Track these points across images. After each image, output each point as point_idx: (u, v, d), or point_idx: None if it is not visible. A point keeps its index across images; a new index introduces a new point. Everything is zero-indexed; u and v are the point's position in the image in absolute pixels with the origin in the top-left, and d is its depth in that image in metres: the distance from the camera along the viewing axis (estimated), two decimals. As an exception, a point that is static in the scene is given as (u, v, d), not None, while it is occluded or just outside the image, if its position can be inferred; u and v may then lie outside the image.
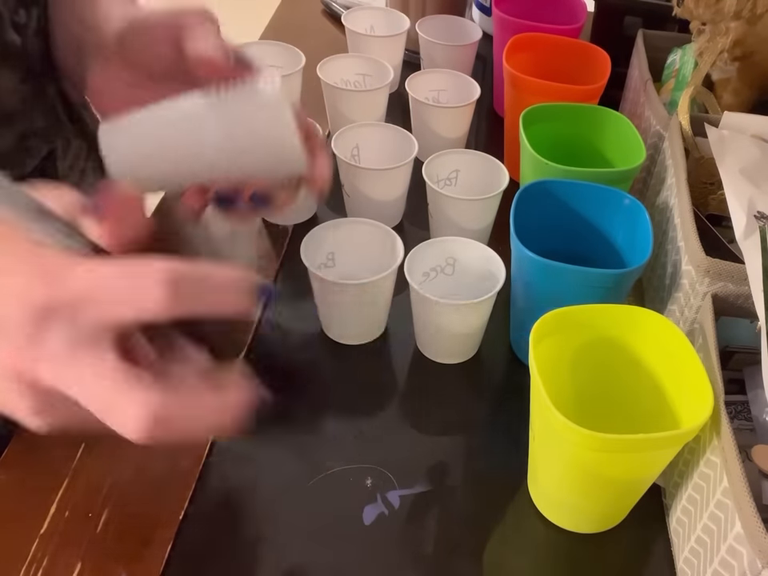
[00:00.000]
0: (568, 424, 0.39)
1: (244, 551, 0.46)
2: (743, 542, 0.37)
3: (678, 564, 0.46)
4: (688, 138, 0.60)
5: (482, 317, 0.56)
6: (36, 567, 0.44)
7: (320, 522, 0.48)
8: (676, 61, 0.73)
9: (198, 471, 0.49)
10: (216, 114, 0.46)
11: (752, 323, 0.49)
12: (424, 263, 0.58)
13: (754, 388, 0.49)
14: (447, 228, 0.65)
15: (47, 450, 0.50)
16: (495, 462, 0.52)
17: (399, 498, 0.49)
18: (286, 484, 0.50)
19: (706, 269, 0.48)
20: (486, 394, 0.57)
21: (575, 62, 0.76)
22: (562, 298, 0.48)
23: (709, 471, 0.42)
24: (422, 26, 0.86)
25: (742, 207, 0.50)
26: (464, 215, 0.64)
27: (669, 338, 0.46)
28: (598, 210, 0.58)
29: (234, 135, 0.46)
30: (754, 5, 0.60)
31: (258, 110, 0.47)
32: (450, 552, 0.47)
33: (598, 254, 0.58)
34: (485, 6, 1.00)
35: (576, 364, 0.49)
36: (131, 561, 0.44)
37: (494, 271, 0.57)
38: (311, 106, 0.80)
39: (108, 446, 0.50)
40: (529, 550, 0.48)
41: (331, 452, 0.51)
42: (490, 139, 0.85)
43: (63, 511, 0.46)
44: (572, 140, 0.67)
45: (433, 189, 0.63)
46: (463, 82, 0.77)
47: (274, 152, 0.47)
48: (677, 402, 0.46)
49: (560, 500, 0.48)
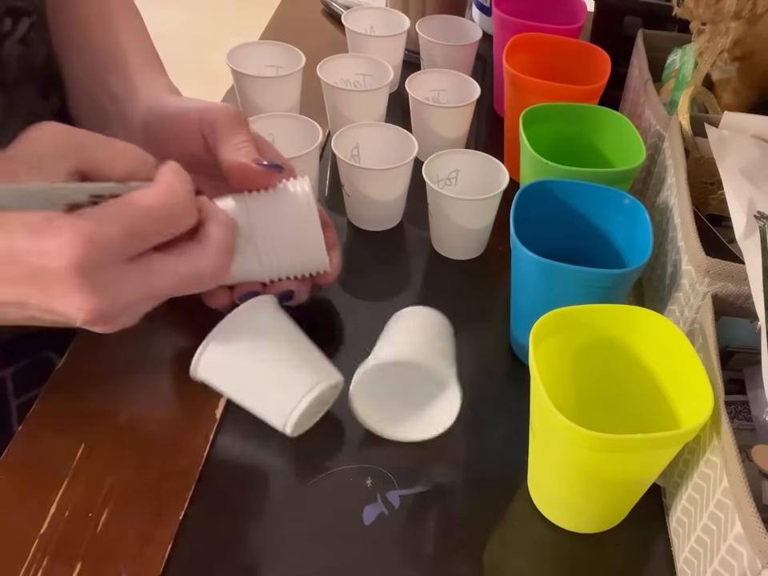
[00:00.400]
0: (568, 424, 0.39)
1: (244, 551, 0.46)
2: (743, 541, 0.37)
3: (678, 564, 0.46)
4: (688, 138, 0.60)
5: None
6: (36, 567, 0.44)
7: (320, 521, 0.48)
8: (676, 61, 0.73)
9: (197, 471, 0.49)
10: (249, 217, 0.48)
11: (752, 323, 0.49)
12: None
13: (754, 388, 0.49)
14: (447, 228, 0.65)
15: (47, 450, 0.50)
16: (495, 462, 0.52)
17: (399, 497, 0.49)
18: (286, 484, 0.50)
19: (706, 269, 0.48)
20: (486, 394, 0.57)
21: (575, 62, 0.76)
22: (562, 298, 0.48)
23: (709, 471, 0.42)
24: (422, 25, 0.86)
25: (742, 207, 0.50)
26: (464, 215, 0.64)
27: (669, 338, 0.46)
28: (598, 209, 0.58)
29: (266, 237, 0.49)
30: (754, 5, 0.60)
31: (289, 213, 0.49)
32: (450, 552, 0.47)
33: (598, 254, 0.58)
34: (485, 6, 1.00)
35: (576, 364, 0.49)
36: (131, 561, 0.44)
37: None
38: (311, 106, 0.80)
39: (108, 445, 0.50)
40: (529, 549, 0.48)
41: (331, 452, 0.51)
42: (489, 139, 0.85)
43: (63, 511, 0.46)
44: (572, 140, 0.67)
45: (433, 189, 0.63)
46: (463, 82, 0.77)
47: (302, 252, 0.51)
48: (677, 402, 0.46)
49: (560, 500, 0.48)
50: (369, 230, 0.70)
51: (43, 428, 0.51)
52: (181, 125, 0.51)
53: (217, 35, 2.48)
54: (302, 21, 1.04)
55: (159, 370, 0.55)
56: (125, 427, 0.51)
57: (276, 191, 0.50)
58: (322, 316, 0.61)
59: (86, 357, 0.55)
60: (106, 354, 0.56)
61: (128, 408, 0.53)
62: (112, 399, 0.53)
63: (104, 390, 0.54)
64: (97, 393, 0.53)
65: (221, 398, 0.53)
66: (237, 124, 0.50)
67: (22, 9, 0.54)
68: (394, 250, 0.69)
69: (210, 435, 0.51)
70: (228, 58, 0.75)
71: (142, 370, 0.55)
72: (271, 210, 0.49)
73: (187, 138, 0.50)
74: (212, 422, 0.52)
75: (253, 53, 0.77)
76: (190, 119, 0.50)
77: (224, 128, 0.49)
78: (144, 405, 0.53)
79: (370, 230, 0.70)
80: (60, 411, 0.52)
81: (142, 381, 0.55)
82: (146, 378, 0.55)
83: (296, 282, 0.53)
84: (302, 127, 0.68)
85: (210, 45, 2.07)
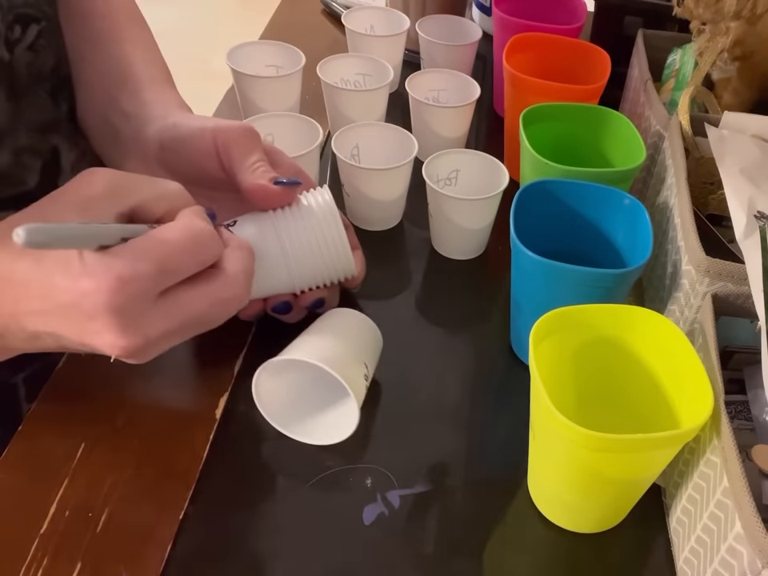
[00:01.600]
0: (568, 424, 0.39)
1: (244, 551, 0.46)
2: (743, 541, 0.37)
3: (678, 564, 0.46)
4: (688, 138, 0.60)
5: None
6: (36, 567, 0.44)
7: (320, 521, 0.48)
8: (676, 60, 0.73)
9: (198, 471, 0.49)
10: (277, 235, 0.50)
11: (752, 323, 0.49)
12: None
13: (754, 388, 0.49)
14: (447, 228, 0.65)
15: (47, 450, 0.50)
16: (495, 462, 0.52)
17: (399, 497, 0.49)
18: (286, 484, 0.50)
19: (706, 269, 0.48)
20: (486, 394, 0.57)
21: (575, 62, 0.76)
22: (562, 298, 0.48)
23: (709, 471, 0.42)
24: (422, 25, 0.86)
25: (742, 207, 0.50)
26: (464, 215, 0.64)
27: (669, 338, 0.46)
28: (598, 209, 0.58)
29: (296, 252, 0.50)
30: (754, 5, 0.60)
31: (315, 226, 0.51)
32: (450, 552, 0.47)
33: (598, 254, 0.58)
34: (485, 6, 1.00)
35: (576, 364, 0.49)
36: (131, 560, 0.44)
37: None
38: (311, 106, 0.80)
39: (108, 445, 0.50)
40: (529, 549, 0.48)
41: (331, 452, 0.51)
42: (489, 139, 0.85)
43: (63, 511, 0.46)
44: (572, 140, 0.67)
45: (433, 189, 0.63)
46: (463, 82, 0.77)
47: (330, 261, 0.52)
48: (677, 402, 0.46)
49: (560, 500, 0.48)
50: (369, 229, 0.70)
51: (43, 428, 0.51)
52: (196, 145, 0.51)
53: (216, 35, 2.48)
54: (302, 21, 1.04)
55: (159, 369, 0.55)
56: (125, 427, 0.51)
57: (299, 207, 0.51)
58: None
59: (86, 357, 0.55)
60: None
61: (128, 408, 0.53)
62: (112, 399, 0.53)
63: (104, 390, 0.54)
64: (97, 393, 0.53)
65: (221, 398, 0.53)
66: (250, 143, 0.51)
67: (31, 16, 0.55)
68: (394, 249, 0.69)
69: (210, 435, 0.51)
70: (228, 58, 0.75)
71: (142, 370, 0.55)
72: (299, 226, 0.50)
73: (203, 158, 0.51)
74: (212, 421, 0.52)
75: (253, 52, 0.77)
76: (204, 140, 0.51)
77: (238, 148, 0.50)
78: (144, 405, 0.53)
79: (370, 229, 0.70)
80: (60, 411, 0.52)
81: (142, 381, 0.55)
82: (146, 378, 0.55)
83: (326, 289, 0.54)
84: (302, 127, 0.68)
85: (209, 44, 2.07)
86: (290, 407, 0.51)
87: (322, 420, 0.51)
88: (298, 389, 0.52)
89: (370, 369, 0.52)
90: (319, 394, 0.52)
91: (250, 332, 0.58)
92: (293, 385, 0.52)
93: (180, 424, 0.52)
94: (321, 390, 0.52)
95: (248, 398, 0.50)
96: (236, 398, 0.54)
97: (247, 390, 0.49)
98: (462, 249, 0.67)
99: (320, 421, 0.51)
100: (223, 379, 0.55)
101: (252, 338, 0.58)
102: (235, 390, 0.54)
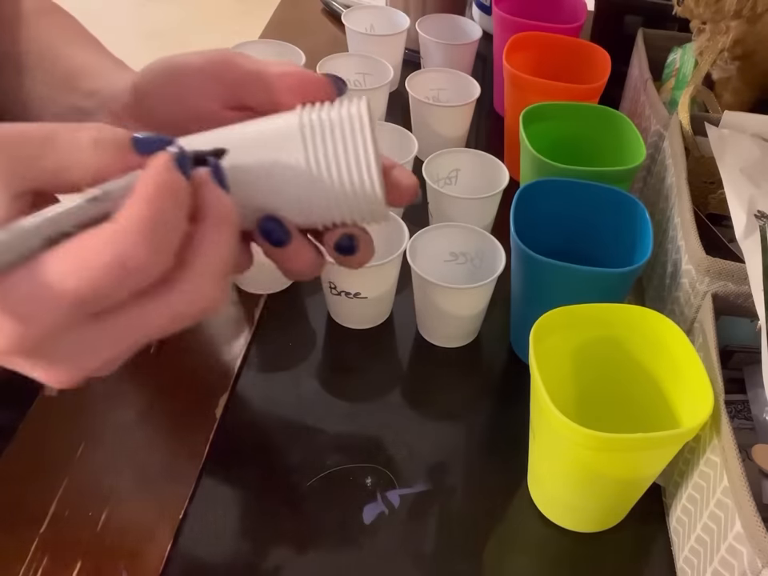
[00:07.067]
0: (568, 423, 0.39)
1: (244, 551, 0.46)
2: (743, 541, 0.37)
3: (678, 563, 0.46)
4: (688, 137, 0.60)
5: (482, 301, 0.57)
6: (36, 567, 0.44)
7: (320, 521, 0.48)
8: (676, 60, 0.73)
9: (197, 471, 0.49)
10: (302, 139, 0.38)
11: (752, 322, 0.49)
12: (425, 251, 0.59)
13: (754, 387, 0.49)
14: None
15: (47, 450, 0.50)
16: (495, 462, 0.52)
17: (399, 497, 0.49)
18: (286, 483, 0.50)
19: (706, 268, 0.48)
20: (486, 394, 0.57)
21: (575, 61, 0.76)
22: (562, 298, 0.48)
23: (709, 470, 0.42)
24: (422, 24, 0.86)
25: (742, 206, 0.50)
26: (464, 214, 0.64)
27: (669, 338, 0.46)
28: (598, 209, 0.58)
29: (320, 162, 0.39)
30: (755, 4, 0.60)
31: (347, 135, 0.40)
32: (450, 552, 0.47)
33: (598, 254, 0.58)
34: (485, 5, 1.00)
35: (576, 363, 0.49)
36: (131, 560, 0.44)
37: (494, 258, 0.58)
38: (311, 105, 0.80)
39: (108, 445, 0.50)
40: (529, 549, 0.48)
41: (331, 451, 0.51)
42: (489, 138, 0.85)
43: (63, 511, 0.46)
44: (572, 139, 0.67)
45: (433, 188, 0.63)
46: (463, 81, 0.77)
47: (356, 182, 0.41)
48: (677, 402, 0.46)
49: (560, 500, 0.48)
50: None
51: (43, 428, 0.51)
52: (191, 79, 0.40)
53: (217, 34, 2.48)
54: (302, 20, 1.04)
55: (160, 369, 0.55)
56: (125, 427, 0.51)
57: (332, 108, 0.40)
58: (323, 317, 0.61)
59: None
60: (106, 354, 0.56)
61: (128, 408, 0.53)
62: (112, 399, 0.53)
63: (104, 390, 0.54)
64: (97, 392, 0.53)
65: (221, 398, 0.53)
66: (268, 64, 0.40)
67: None
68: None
69: (209, 435, 0.51)
70: (228, 58, 0.74)
71: (142, 370, 0.55)
72: (326, 130, 0.39)
73: (204, 94, 0.40)
74: (212, 421, 0.52)
75: (253, 52, 0.77)
76: (207, 69, 0.40)
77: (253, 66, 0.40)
78: (144, 404, 0.53)
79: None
80: (60, 411, 0.52)
81: (143, 381, 0.55)
82: (146, 377, 0.55)
83: (356, 228, 0.43)
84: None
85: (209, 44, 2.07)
86: None
87: None
88: None
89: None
90: None
91: (251, 331, 0.58)
92: None
93: (180, 423, 0.52)
94: None
95: (248, 397, 0.50)
96: (236, 398, 0.54)
97: (247, 390, 0.49)
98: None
99: None
100: (223, 379, 0.55)
101: (252, 337, 0.58)
102: (235, 389, 0.54)
